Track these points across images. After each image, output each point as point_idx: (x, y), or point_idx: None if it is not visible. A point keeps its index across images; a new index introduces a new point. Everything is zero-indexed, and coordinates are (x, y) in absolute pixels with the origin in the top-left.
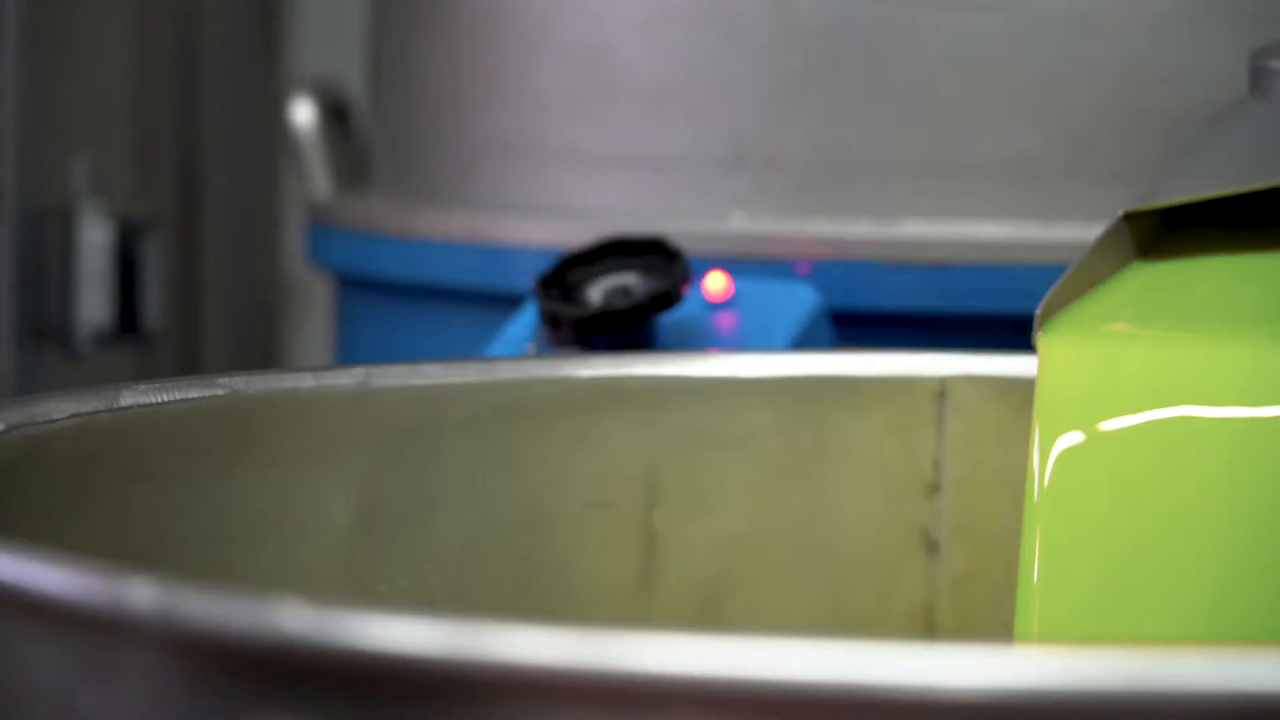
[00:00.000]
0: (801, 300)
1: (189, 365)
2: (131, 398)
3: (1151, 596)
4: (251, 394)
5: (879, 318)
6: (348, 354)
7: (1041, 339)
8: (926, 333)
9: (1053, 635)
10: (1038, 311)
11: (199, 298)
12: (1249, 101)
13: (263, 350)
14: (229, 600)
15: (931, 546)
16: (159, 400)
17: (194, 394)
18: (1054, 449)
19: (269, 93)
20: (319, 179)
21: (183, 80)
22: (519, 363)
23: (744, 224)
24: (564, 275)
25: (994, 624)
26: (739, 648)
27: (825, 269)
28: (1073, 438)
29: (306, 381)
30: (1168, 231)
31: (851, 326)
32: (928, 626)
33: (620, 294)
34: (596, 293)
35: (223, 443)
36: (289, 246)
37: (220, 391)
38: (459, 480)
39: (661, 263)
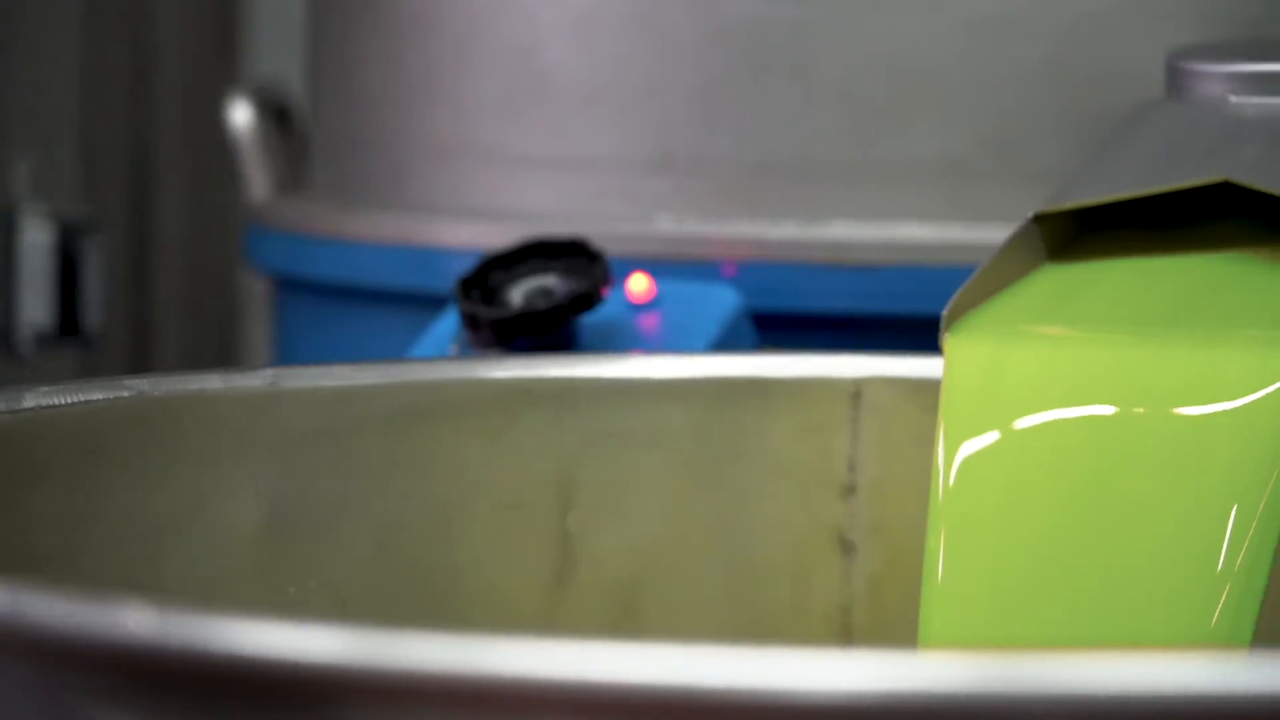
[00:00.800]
0: (723, 302)
1: (139, 367)
2: (34, 399)
3: (1050, 595)
4: (157, 396)
5: (805, 319)
6: (286, 357)
7: (948, 340)
8: (852, 334)
9: (956, 634)
10: (944, 313)
11: (150, 299)
12: (1163, 102)
13: (219, 352)
14: (75, 604)
15: (847, 548)
16: (62, 402)
17: (98, 396)
18: (958, 449)
19: (224, 94)
20: (257, 181)
21: (133, 82)
22: (431, 364)
23: (670, 226)
24: (486, 277)
25: (911, 625)
26: (616, 654)
27: (751, 271)
28: (976, 438)
29: (214, 383)
30: (1081, 233)
31: (778, 329)
32: (844, 628)
33: (541, 295)
34: (518, 294)
35: (128, 445)
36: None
37: (125, 393)
38: (370, 482)
39: (582, 264)
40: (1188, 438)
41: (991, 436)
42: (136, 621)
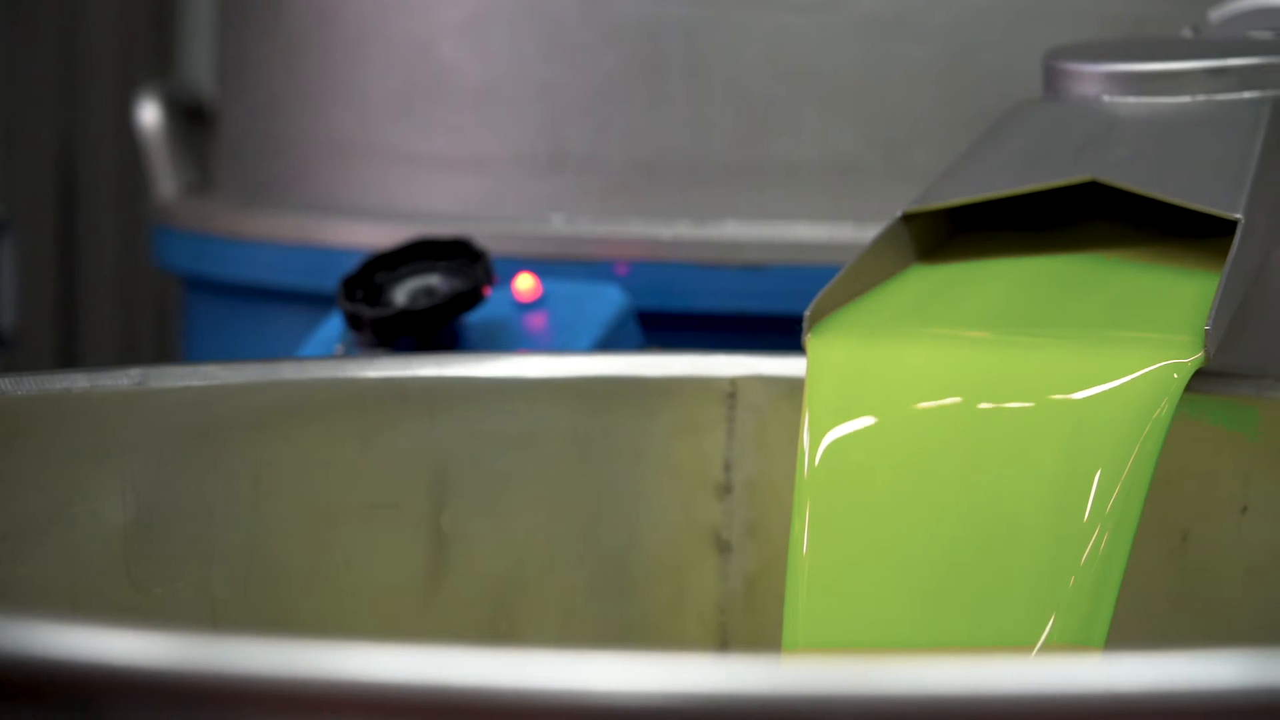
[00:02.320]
0: (609, 301)
1: (65, 366)
2: None
3: (909, 588)
4: (20, 395)
5: (697, 319)
6: (194, 357)
7: (810, 340)
8: (744, 334)
9: (820, 631)
10: (806, 313)
11: (78, 299)
12: (1037, 101)
13: (151, 351)
14: None
15: (723, 547)
16: None
17: None
18: (819, 449)
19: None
20: (164, 181)
21: (62, 83)
22: (301, 363)
23: (563, 226)
24: (371, 276)
25: None
26: (414, 657)
27: (643, 270)
28: (837, 438)
29: (80, 383)
30: (955, 233)
31: (670, 328)
32: (720, 627)
33: (425, 294)
34: (402, 294)
35: None
36: None
37: None
38: (240, 481)
39: (466, 264)
40: (1040, 435)
41: (851, 436)
42: None
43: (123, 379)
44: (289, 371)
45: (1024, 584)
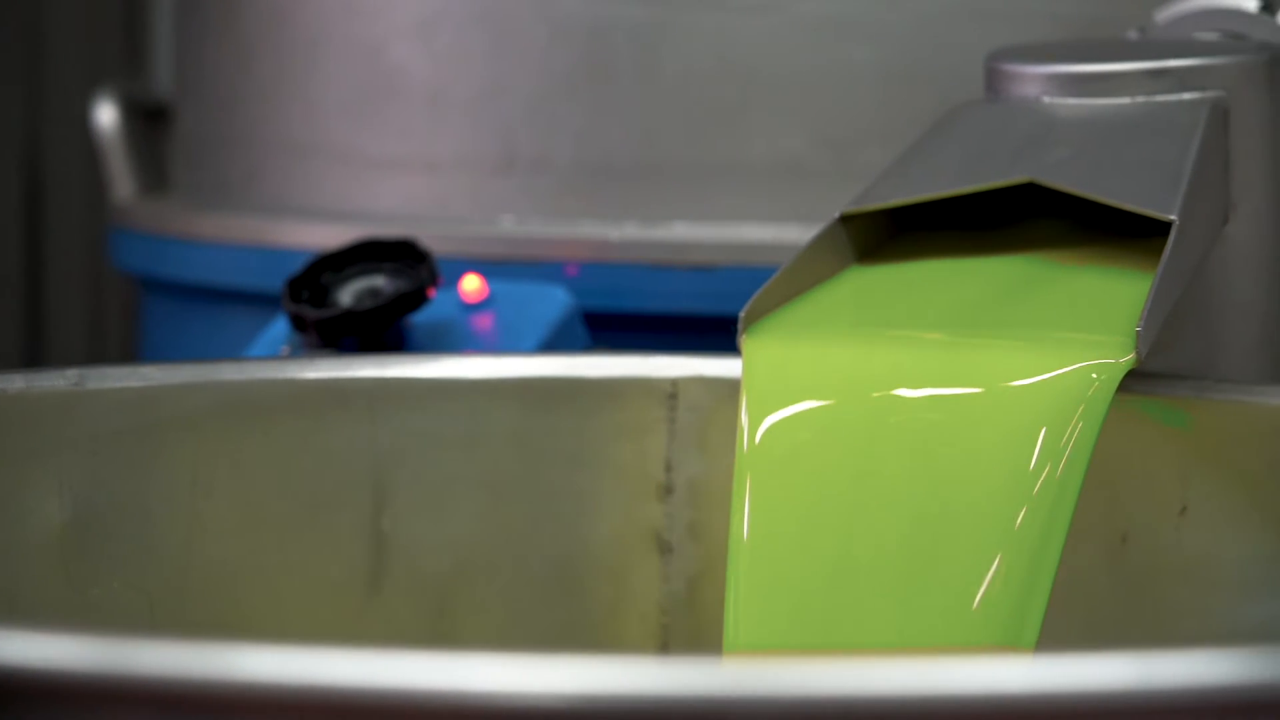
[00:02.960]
0: (554, 302)
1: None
2: None
3: (843, 586)
4: None
5: (646, 320)
6: (150, 359)
7: (745, 342)
8: (692, 335)
9: (759, 631)
10: (742, 314)
11: (44, 301)
12: (977, 102)
13: (120, 353)
14: None
15: (665, 548)
16: None
17: None
18: (754, 447)
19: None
20: (121, 182)
21: (28, 84)
22: (240, 364)
23: (513, 227)
24: (317, 277)
25: None
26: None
27: (592, 271)
28: (772, 438)
29: (16, 383)
30: (896, 233)
31: (619, 329)
32: (662, 628)
33: (370, 295)
34: (347, 295)
35: None
36: None
37: None
38: (178, 482)
39: (411, 264)
40: (972, 436)
41: (786, 436)
42: None
43: (59, 380)
44: (228, 372)
45: (956, 585)
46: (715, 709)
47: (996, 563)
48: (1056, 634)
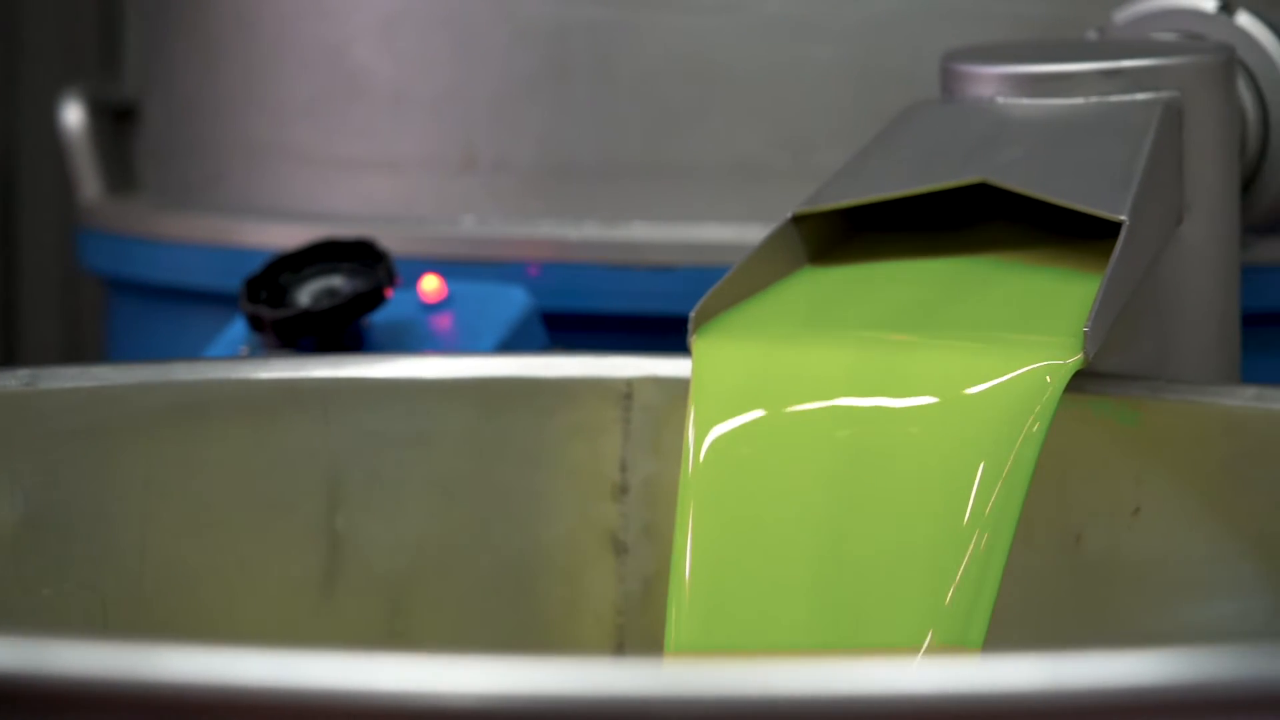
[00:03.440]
0: (513, 302)
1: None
2: None
3: (787, 584)
4: None
5: (606, 319)
6: (116, 359)
7: (695, 342)
8: (652, 335)
9: (703, 630)
10: (692, 314)
11: (19, 301)
12: (932, 103)
13: (96, 354)
14: None
15: (620, 548)
16: None
17: None
18: (703, 451)
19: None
20: (88, 183)
21: (3, 83)
22: (193, 364)
23: (474, 227)
24: (275, 277)
25: None
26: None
27: (553, 271)
28: (721, 439)
29: None
30: (850, 234)
31: (580, 329)
32: (617, 629)
33: (328, 295)
34: (305, 295)
35: None
36: None
37: None
38: (132, 482)
39: (368, 264)
40: (920, 435)
41: (735, 436)
42: None
43: (11, 380)
44: (181, 373)
45: (903, 584)
46: (648, 710)
47: (943, 564)
48: (1011, 634)
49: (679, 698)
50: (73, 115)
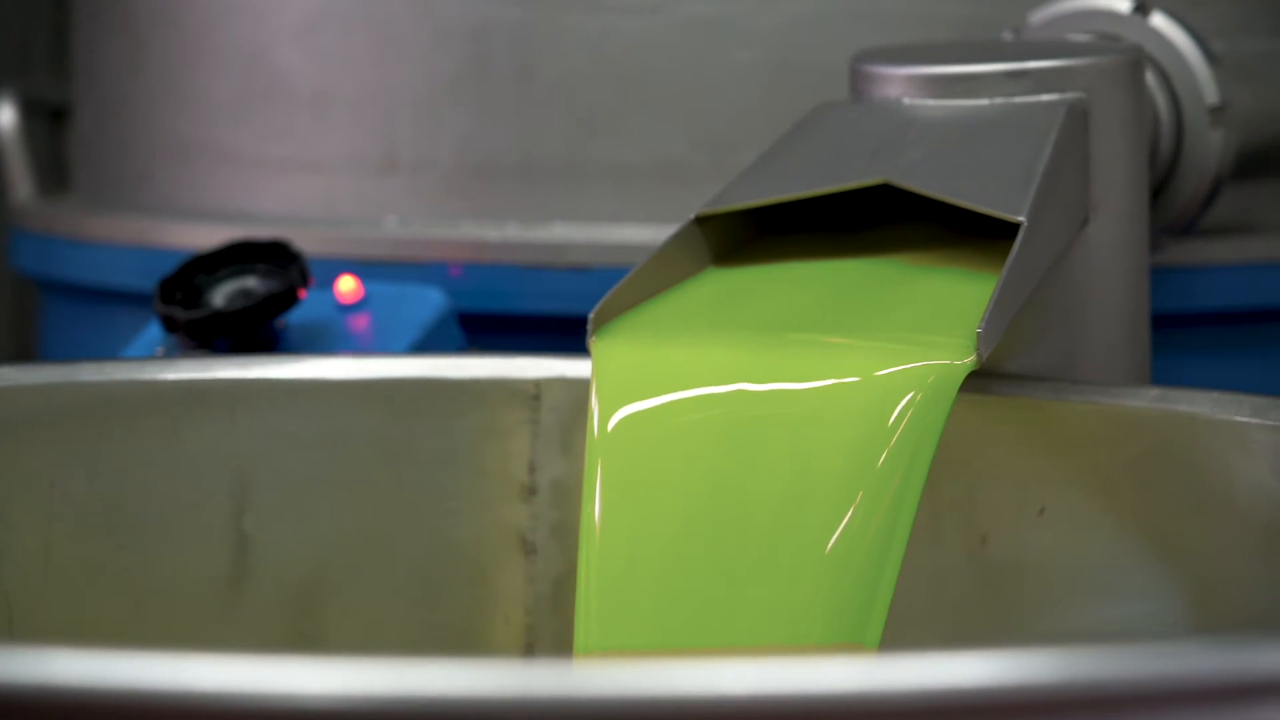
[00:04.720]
0: (428, 303)
1: None
2: None
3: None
4: None
5: (526, 320)
6: (47, 360)
7: (593, 343)
8: (572, 335)
9: (609, 631)
10: (591, 315)
11: None
12: (839, 103)
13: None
14: None
15: (529, 549)
16: None
17: None
18: (601, 448)
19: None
20: (20, 183)
21: None
22: (100, 365)
23: (396, 228)
24: (191, 278)
25: None
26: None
27: (474, 272)
28: (617, 436)
29: None
30: (758, 235)
31: (499, 331)
32: (527, 629)
33: (242, 296)
34: (220, 296)
35: None
36: None
37: None
38: (37, 483)
39: (282, 265)
40: (815, 436)
41: (631, 437)
42: None
43: None
44: (86, 373)
45: (799, 584)
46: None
47: (838, 563)
48: (917, 634)
49: (587, 699)
50: (4, 115)
